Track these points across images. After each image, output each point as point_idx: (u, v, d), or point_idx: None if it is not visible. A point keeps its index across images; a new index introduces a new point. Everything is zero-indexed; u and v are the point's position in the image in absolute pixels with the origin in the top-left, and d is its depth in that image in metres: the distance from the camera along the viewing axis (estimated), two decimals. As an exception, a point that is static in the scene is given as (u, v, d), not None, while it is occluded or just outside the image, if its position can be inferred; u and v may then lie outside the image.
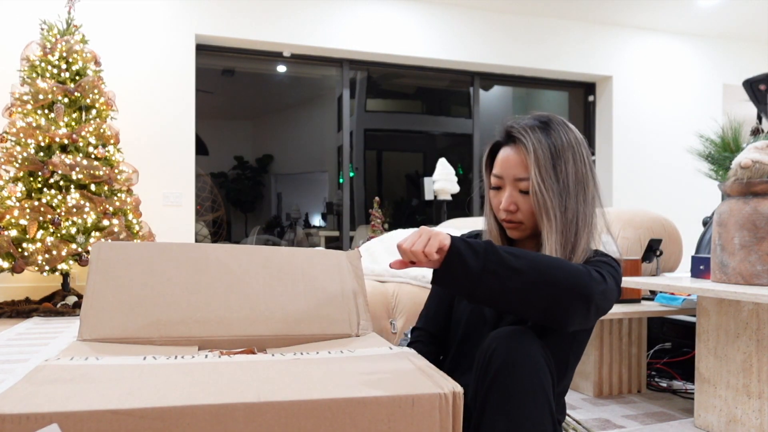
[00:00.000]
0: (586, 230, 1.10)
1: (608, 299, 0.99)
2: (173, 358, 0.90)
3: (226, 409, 0.70)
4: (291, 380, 0.78)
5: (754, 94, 2.72)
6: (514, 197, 1.12)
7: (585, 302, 0.93)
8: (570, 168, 1.08)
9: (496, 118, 7.79)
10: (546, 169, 1.07)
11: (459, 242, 0.92)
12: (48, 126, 3.74)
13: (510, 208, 1.12)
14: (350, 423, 0.74)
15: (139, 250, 1.17)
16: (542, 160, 1.07)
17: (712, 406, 1.68)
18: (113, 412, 0.68)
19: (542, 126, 1.10)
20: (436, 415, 0.77)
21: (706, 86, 6.21)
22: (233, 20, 4.83)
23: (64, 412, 0.67)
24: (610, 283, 1.00)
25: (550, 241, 1.07)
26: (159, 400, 0.70)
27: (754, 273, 1.57)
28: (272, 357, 0.92)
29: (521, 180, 1.10)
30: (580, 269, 0.95)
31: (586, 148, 1.13)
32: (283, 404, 0.72)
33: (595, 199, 1.13)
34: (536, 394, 0.90)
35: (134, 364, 0.86)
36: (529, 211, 1.11)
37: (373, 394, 0.75)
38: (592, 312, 0.95)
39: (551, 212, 1.07)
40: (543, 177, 1.07)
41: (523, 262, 0.92)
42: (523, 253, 0.94)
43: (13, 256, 3.62)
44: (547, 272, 0.92)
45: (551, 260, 0.95)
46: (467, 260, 0.90)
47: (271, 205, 9.18)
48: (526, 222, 1.12)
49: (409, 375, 0.82)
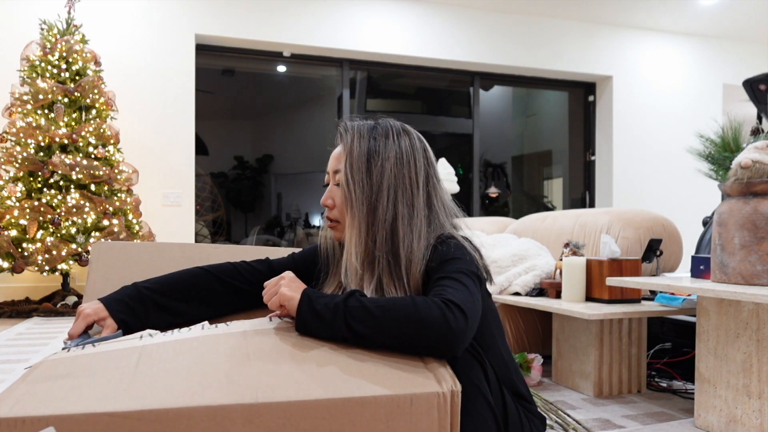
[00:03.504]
0: (416, 236, 1.06)
1: (475, 319, 0.91)
2: (170, 334, 0.90)
3: (224, 411, 0.70)
4: (288, 379, 0.78)
5: (754, 94, 2.71)
6: (332, 191, 1.12)
7: (450, 350, 0.87)
8: (388, 167, 1.07)
9: (496, 118, 7.81)
10: (359, 163, 1.07)
11: (305, 314, 0.90)
12: (48, 126, 3.74)
13: (327, 203, 1.12)
14: (349, 423, 0.73)
15: (139, 250, 1.17)
16: (356, 153, 1.08)
17: (712, 406, 1.68)
18: (110, 415, 0.67)
19: (370, 126, 1.12)
20: (435, 414, 0.76)
21: (706, 86, 6.21)
22: (233, 20, 4.83)
23: (61, 414, 0.66)
24: (468, 299, 0.91)
25: (351, 236, 1.05)
26: (156, 402, 0.70)
27: (754, 273, 1.57)
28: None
29: (338, 172, 1.11)
30: (436, 320, 0.86)
31: (427, 159, 1.14)
32: (282, 405, 0.72)
33: (432, 208, 1.10)
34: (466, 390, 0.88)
35: (132, 347, 0.85)
36: (342, 207, 1.10)
37: (371, 393, 0.75)
38: (462, 347, 0.89)
39: (355, 205, 1.05)
40: (353, 169, 1.07)
41: (374, 321, 0.87)
42: (373, 307, 0.88)
43: (13, 256, 3.62)
44: (400, 333, 0.86)
45: (402, 318, 0.87)
46: (316, 330, 0.90)
47: (271, 205, 9.17)
48: (342, 220, 1.11)
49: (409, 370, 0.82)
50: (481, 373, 0.94)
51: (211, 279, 1.16)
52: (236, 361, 0.81)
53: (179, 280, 1.14)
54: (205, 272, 1.16)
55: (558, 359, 2.24)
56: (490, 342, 1.07)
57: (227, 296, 1.17)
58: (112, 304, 1.07)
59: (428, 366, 0.83)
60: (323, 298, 0.91)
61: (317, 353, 0.83)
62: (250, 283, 1.17)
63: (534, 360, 2.16)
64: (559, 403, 1.95)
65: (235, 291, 1.17)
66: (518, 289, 2.44)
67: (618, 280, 1.95)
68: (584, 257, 2.23)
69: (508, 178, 7.89)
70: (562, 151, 6.87)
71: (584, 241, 2.58)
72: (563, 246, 2.33)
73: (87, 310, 1.04)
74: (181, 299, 1.12)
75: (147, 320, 1.08)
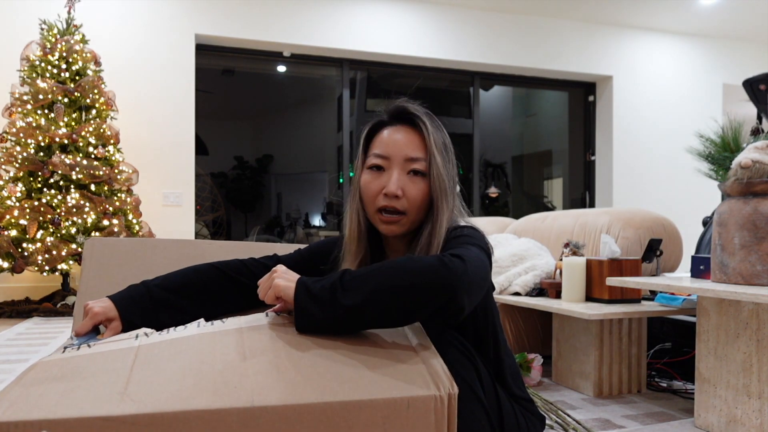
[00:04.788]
0: (446, 223, 1.05)
1: (477, 272, 0.88)
2: (166, 333, 0.89)
3: (219, 415, 0.69)
4: (284, 382, 0.77)
5: (754, 94, 2.71)
6: (401, 180, 1.02)
7: (449, 293, 0.82)
8: (452, 158, 1.07)
9: (496, 118, 7.80)
10: (442, 152, 1.03)
11: (303, 301, 0.86)
12: (48, 126, 3.73)
13: (397, 192, 1.02)
14: (345, 426, 0.73)
15: (133, 246, 1.17)
16: (439, 142, 1.04)
17: (712, 406, 1.67)
18: (104, 419, 0.67)
19: (431, 115, 1.09)
20: (432, 417, 0.76)
21: (706, 86, 6.20)
22: (233, 20, 4.83)
23: (54, 419, 0.66)
24: (471, 255, 0.88)
25: (441, 227, 1.00)
26: (151, 405, 0.69)
27: (754, 273, 1.56)
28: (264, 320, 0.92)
29: (415, 160, 1.03)
30: (431, 264, 0.83)
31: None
32: (277, 409, 0.71)
33: (458, 197, 1.11)
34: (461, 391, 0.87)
35: (127, 348, 0.85)
36: (416, 199, 1.03)
37: (368, 397, 0.75)
38: (465, 296, 0.85)
39: (450, 196, 1.02)
40: (442, 158, 1.03)
41: (371, 284, 0.83)
42: (367, 273, 0.85)
43: (13, 256, 3.62)
44: (398, 286, 0.82)
45: (397, 270, 0.84)
46: (316, 314, 0.86)
47: (271, 205, 9.17)
48: (409, 213, 1.04)
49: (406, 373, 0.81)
50: (473, 372, 0.93)
51: (221, 276, 1.11)
52: (231, 362, 0.80)
53: (190, 278, 1.09)
54: (214, 269, 1.11)
55: (558, 359, 2.24)
56: (486, 339, 1.05)
57: (237, 294, 1.12)
58: (122, 303, 1.02)
59: (426, 367, 0.83)
60: (318, 282, 0.88)
61: (313, 354, 0.82)
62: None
63: (534, 360, 2.16)
64: (559, 403, 1.94)
65: (245, 288, 1.12)
66: (518, 289, 2.43)
67: (618, 280, 1.94)
68: (584, 257, 2.22)
69: (508, 178, 7.89)
70: (562, 151, 6.87)
71: (584, 241, 2.58)
72: (563, 246, 2.33)
73: (96, 308, 1.00)
74: (191, 297, 1.08)
75: (157, 319, 1.04)
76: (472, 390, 0.90)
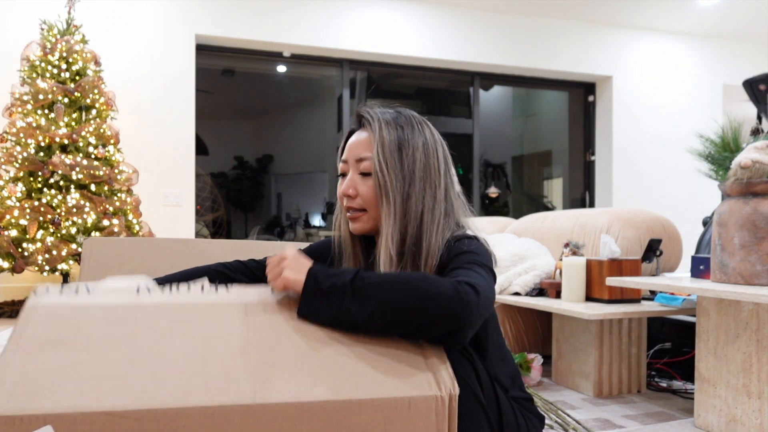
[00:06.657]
0: (436, 228, 1.03)
1: (487, 306, 0.88)
2: (167, 293, 0.89)
3: (221, 411, 0.70)
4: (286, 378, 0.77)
5: (754, 94, 2.71)
6: (354, 180, 1.06)
7: (457, 325, 0.83)
8: (418, 156, 1.04)
9: (496, 118, 7.81)
10: (390, 150, 1.03)
11: (309, 291, 0.87)
12: (48, 126, 3.73)
13: (349, 192, 1.06)
14: (346, 425, 0.73)
15: (131, 245, 1.17)
16: (387, 140, 1.04)
17: (712, 406, 1.67)
18: (107, 414, 0.67)
19: (394, 114, 1.08)
20: (432, 417, 0.76)
21: (706, 86, 6.20)
22: (233, 20, 4.83)
23: (58, 413, 0.67)
24: (484, 286, 0.88)
25: (387, 226, 1.01)
26: (153, 400, 0.70)
27: (754, 273, 1.57)
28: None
29: (363, 160, 1.05)
30: (446, 292, 0.83)
31: (444, 150, 1.11)
32: (279, 406, 0.72)
33: (448, 200, 1.08)
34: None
35: (127, 306, 0.84)
36: (369, 197, 1.05)
37: (369, 395, 0.75)
38: (471, 330, 0.86)
39: (391, 194, 1.01)
40: (386, 156, 1.03)
41: (381, 296, 0.83)
42: (380, 282, 0.85)
43: (13, 256, 3.62)
44: (408, 306, 0.82)
45: (411, 288, 0.84)
46: (322, 312, 0.87)
47: (271, 205, 9.17)
48: (369, 210, 1.06)
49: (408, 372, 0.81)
50: (472, 372, 0.93)
51: (222, 277, 1.12)
52: (234, 351, 0.80)
53: (190, 278, 1.10)
54: (215, 270, 1.12)
55: (558, 359, 2.24)
56: (485, 341, 1.06)
57: None
58: None
59: (429, 366, 0.83)
60: (330, 277, 0.87)
61: (317, 350, 0.82)
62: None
63: (534, 360, 2.16)
64: (559, 403, 1.94)
65: None
66: (518, 289, 2.44)
67: (618, 280, 1.94)
68: (584, 257, 2.23)
69: (508, 178, 7.89)
70: (561, 151, 6.87)
71: (584, 241, 2.58)
72: (563, 246, 2.33)
73: None
74: None
75: None
76: (471, 390, 0.91)
